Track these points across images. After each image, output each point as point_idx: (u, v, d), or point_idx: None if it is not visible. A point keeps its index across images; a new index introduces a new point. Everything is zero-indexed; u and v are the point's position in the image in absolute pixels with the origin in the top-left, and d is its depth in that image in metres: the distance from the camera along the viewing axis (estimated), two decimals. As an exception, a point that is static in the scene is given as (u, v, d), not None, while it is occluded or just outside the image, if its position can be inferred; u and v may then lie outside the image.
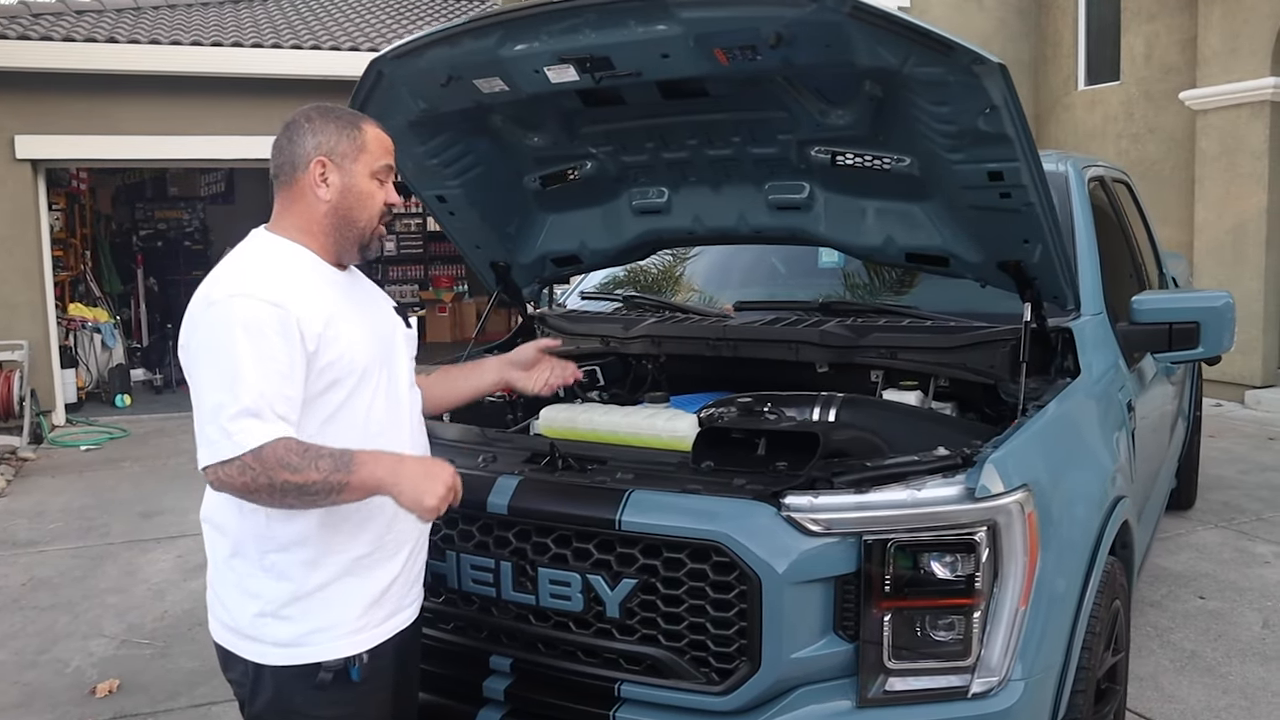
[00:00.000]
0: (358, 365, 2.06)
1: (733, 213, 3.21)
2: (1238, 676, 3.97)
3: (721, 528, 2.20)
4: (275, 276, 2.01)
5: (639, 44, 2.49)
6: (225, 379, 1.90)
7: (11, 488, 7.51)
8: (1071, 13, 11.63)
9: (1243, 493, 6.44)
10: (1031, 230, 2.69)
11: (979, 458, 2.26)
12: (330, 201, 2.10)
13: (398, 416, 2.20)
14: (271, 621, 2.03)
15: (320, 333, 1.99)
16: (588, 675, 2.39)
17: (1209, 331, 3.27)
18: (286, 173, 2.11)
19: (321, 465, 1.89)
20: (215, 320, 1.94)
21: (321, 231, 2.12)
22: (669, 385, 3.42)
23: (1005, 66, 2.30)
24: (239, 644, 2.09)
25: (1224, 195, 9.39)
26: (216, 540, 2.13)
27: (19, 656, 4.46)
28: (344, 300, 2.11)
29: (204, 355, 1.95)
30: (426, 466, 2.01)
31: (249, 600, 2.05)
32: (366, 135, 2.13)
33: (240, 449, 1.86)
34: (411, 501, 1.95)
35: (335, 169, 2.10)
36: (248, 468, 1.86)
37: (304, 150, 2.09)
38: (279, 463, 1.86)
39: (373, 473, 1.93)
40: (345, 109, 2.19)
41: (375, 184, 2.15)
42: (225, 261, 2.09)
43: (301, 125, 2.10)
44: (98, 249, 13.03)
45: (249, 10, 12.09)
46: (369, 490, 1.95)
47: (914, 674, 2.22)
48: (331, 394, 2.03)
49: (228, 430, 1.87)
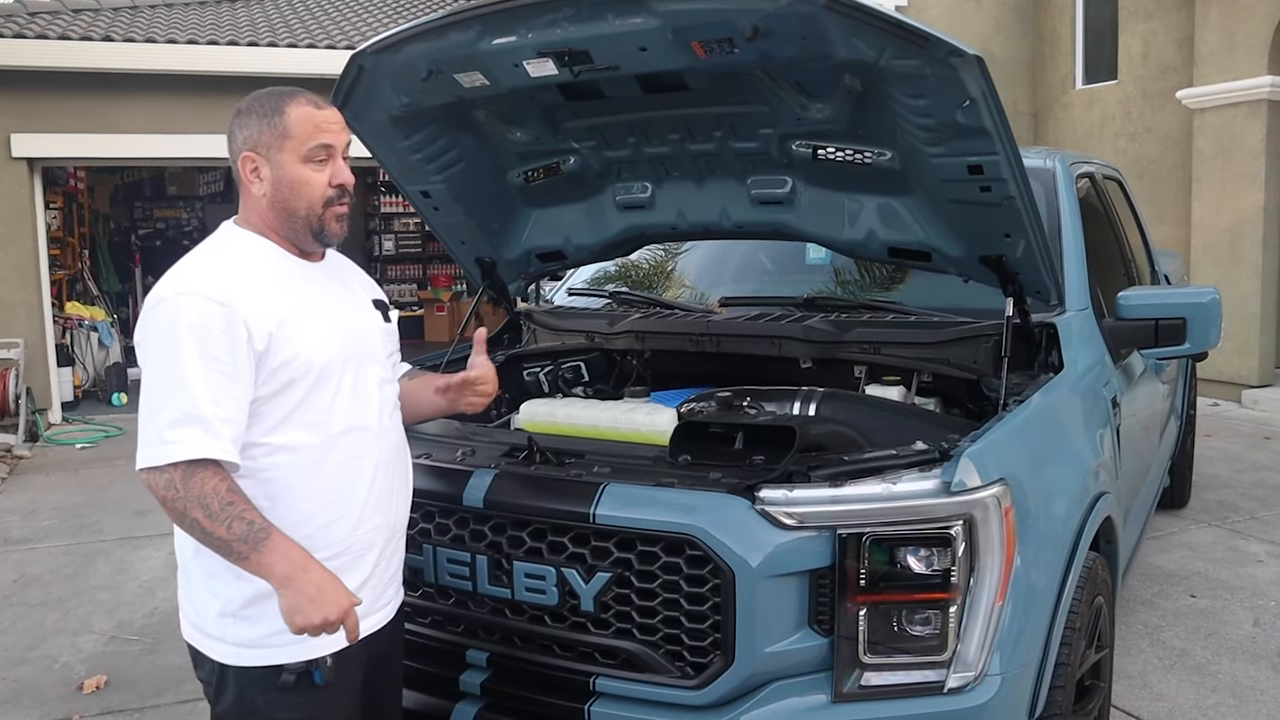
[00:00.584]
0: (315, 364, 1.99)
1: (716, 207, 3.20)
2: (1227, 675, 3.96)
3: (695, 521, 2.19)
4: (228, 273, 1.96)
5: (616, 37, 2.49)
6: (168, 381, 1.87)
7: (6, 485, 7.51)
8: (1069, 12, 11.62)
9: (1237, 492, 6.42)
10: (1013, 224, 2.68)
11: (956, 452, 2.25)
12: (266, 195, 2.04)
13: (364, 416, 2.11)
14: (233, 622, 2.00)
15: (272, 331, 1.93)
16: (563, 669, 2.39)
17: (1195, 327, 3.26)
18: (234, 170, 2.08)
19: (234, 527, 1.84)
20: (163, 319, 1.90)
21: (271, 226, 2.07)
22: (654, 381, 3.42)
23: (982, 59, 2.30)
24: (205, 643, 2.06)
25: (1221, 194, 9.37)
26: (184, 538, 2.07)
27: (8, 653, 4.46)
28: (306, 296, 2.05)
29: (150, 354, 1.91)
30: (323, 589, 1.89)
31: (212, 599, 2.02)
32: (289, 119, 2.01)
33: (172, 457, 1.83)
34: (285, 612, 1.88)
35: (264, 162, 2.03)
36: (173, 484, 1.84)
37: (236, 147, 2.05)
38: (199, 499, 1.83)
39: (273, 566, 1.86)
40: (272, 92, 2.06)
41: (310, 168, 2.03)
42: (189, 255, 2.05)
43: (233, 121, 2.05)
44: (95, 248, 13.04)
45: (245, 9, 12.09)
46: (262, 575, 1.89)
47: (890, 669, 2.21)
48: (287, 394, 1.97)
49: (165, 436, 1.84)
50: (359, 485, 2.08)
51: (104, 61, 9.51)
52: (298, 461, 2.00)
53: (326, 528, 2.03)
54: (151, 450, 1.85)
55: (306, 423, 2.00)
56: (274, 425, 1.97)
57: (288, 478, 1.99)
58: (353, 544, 2.08)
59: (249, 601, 1.99)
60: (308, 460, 2.01)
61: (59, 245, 11.11)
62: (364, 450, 2.09)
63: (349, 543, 2.07)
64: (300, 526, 1.98)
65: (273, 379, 1.95)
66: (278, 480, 1.98)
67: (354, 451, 2.07)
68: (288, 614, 1.88)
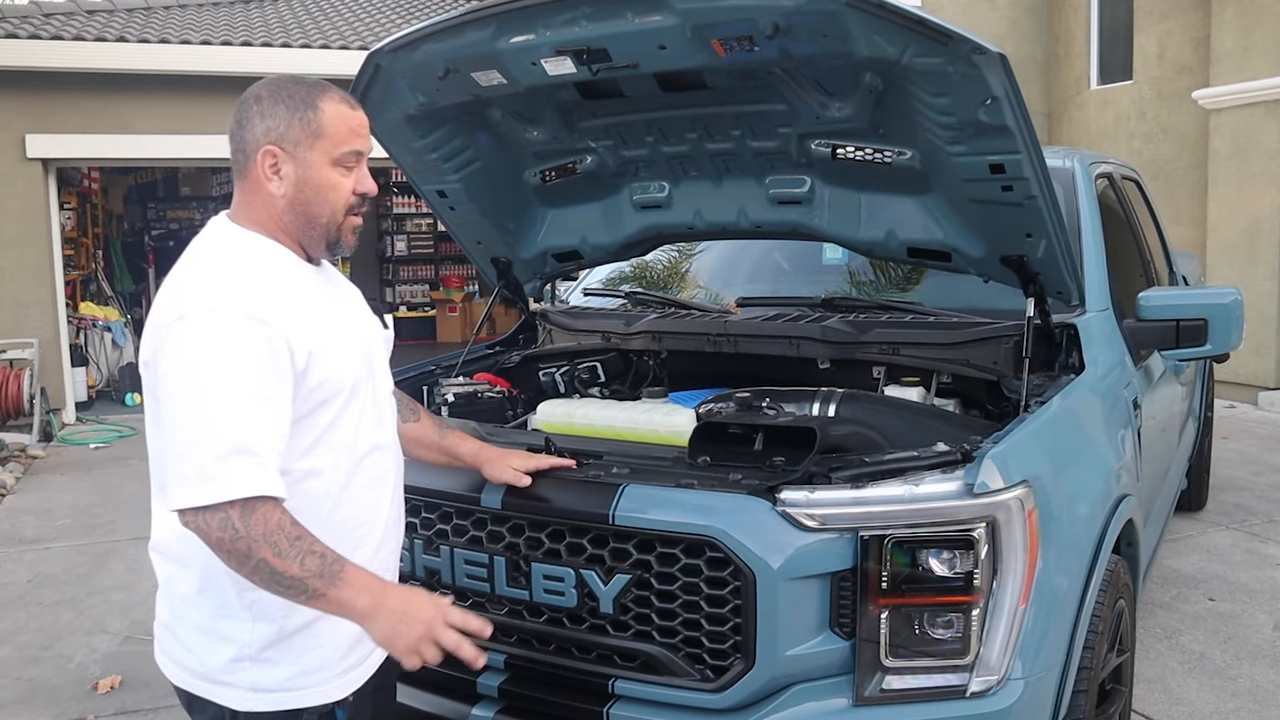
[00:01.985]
0: (346, 383, 1.85)
1: (733, 207, 3.19)
2: (1247, 679, 3.92)
3: (716, 523, 2.17)
4: (257, 284, 1.77)
5: (635, 35, 2.48)
6: (206, 408, 1.65)
7: (20, 485, 7.53)
8: (1083, 12, 11.56)
9: (1255, 494, 6.38)
10: (1034, 224, 2.66)
11: (979, 453, 2.23)
12: (286, 196, 1.83)
13: (383, 434, 1.99)
14: (250, 666, 1.82)
15: (311, 350, 1.77)
16: (582, 671, 2.37)
17: (1217, 328, 3.22)
18: (240, 161, 1.85)
19: (308, 563, 1.66)
20: (191, 337, 1.69)
21: (282, 229, 1.86)
22: (671, 382, 3.40)
23: (1005, 56, 2.28)
24: (211, 689, 1.85)
25: (1237, 195, 9.31)
26: (174, 573, 1.89)
27: (23, 652, 4.46)
28: (327, 309, 1.89)
29: (178, 378, 1.68)
30: (409, 604, 1.75)
31: (221, 644, 1.82)
32: (324, 116, 1.82)
33: (226, 495, 1.63)
34: (383, 643, 1.74)
35: (288, 159, 1.82)
36: (229, 524, 1.63)
37: (253, 137, 1.82)
38: (264, 536, 1.64)
39: (354, 600, 1.70)
40: (303, 80, 1.87)
41: (339, 173, 1.85)
42: (192, 262, 1.83)
43: (250, 107, 1.83)
44: (109, 248, 13.08)
45: (259, 10, 12.12)
46: (341, 612, 1.72)
47: (911, 672, 2.19)
48: (320, 414, 1.82)
49: (210, 472, 1.63)
50: (380, 508, 1.98)
51: (118, 62, 9.54)
52: (325, 487, 1.85)
53: (351, 552, 1.81)
54: (195, 488, 1.64)
55: (334, 445, 1.85)
56: (304, 450, 1.80)
57: (313, 506, 1.82)
58: (373, 569, 1.88)
59: (269, 643, 1.83)
60: (335, 486, 1.87)
61: (73, 245, 11.14)
62: (384, 471, 1.99)
63: (370, 568, 1.86)
64: None
65: (308, 400, 1.78)
66: (303, 509, 1.77)
67: (376, 473, 1.96)
68: (387, 644, 1.74)
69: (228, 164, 1.93)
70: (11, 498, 7.17)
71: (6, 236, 9.64)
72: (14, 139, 9.55)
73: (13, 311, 9.68)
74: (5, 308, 9.66)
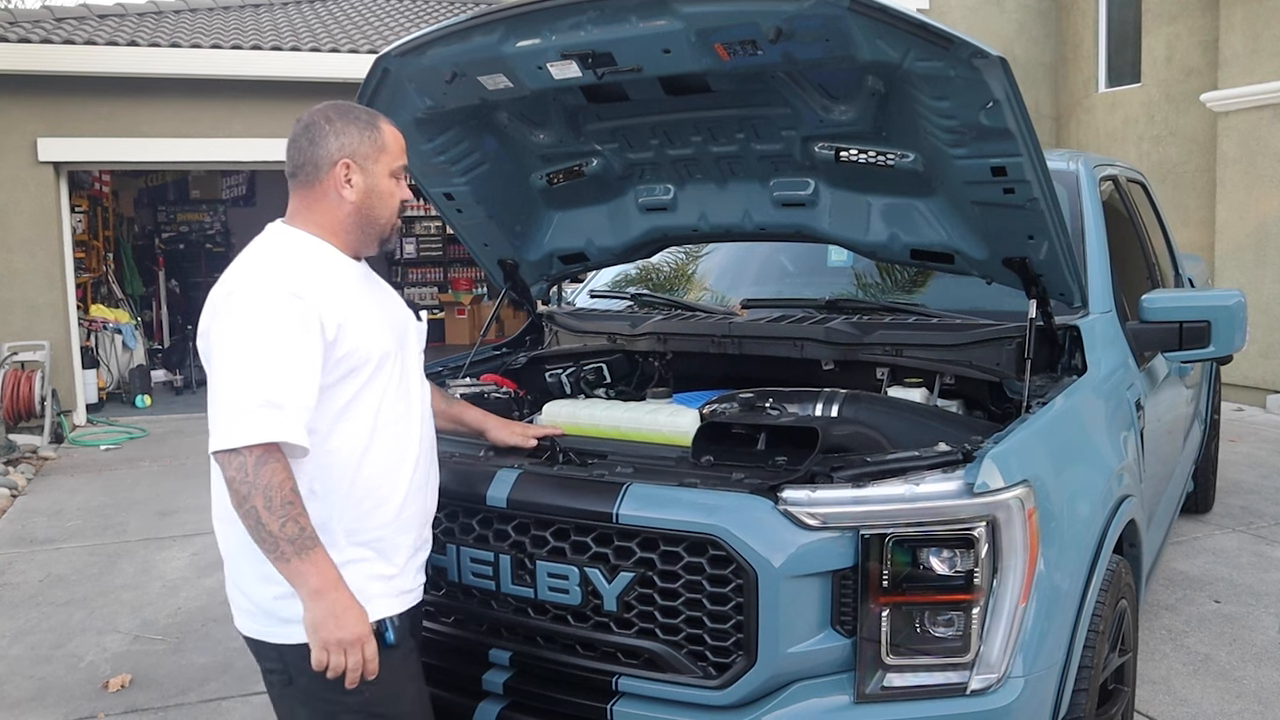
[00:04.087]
0: (374, 354, 2.11)
1: (738, 209, 3.21)
2: (1252, 681, 3.93)
3: (718, 521, 2.19)
4: (296, 268, 2.07)
5: (640, 39, 2.50)
6: (244, 367, 1.95)
7: (31, 486, 7.58)
8: (1092, 15, 11.56)
9: (1262, 497, 6.37)
10: (1036, 226, 2.68)
11: (979, 453, 2.25)
12: (355, 202, 2.16)
13: (409, 409, 2.23)
14: (295, 601, 2.02)
15: (340, 323, 2.04)
16: (586, 669, 2.40)
17: (1220, 330, 3.23)
18: (308, 173, 2.15)
19: (287, 527, 1.92)
20: (237, 309, 1.99)
21: (344, 230, 2.18)
22: (676, 383, 3.42)
23: (1006, 60, 2.29)
24: (269, 630, 2.11)
25: (1245, 198, 9.30)
26: (227, 534, 2.16)
27: (34, 651, 4.50)
28: (363, 293, 2.18)
29: (224, 342, 1.99)
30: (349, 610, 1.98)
31: (269, 584, 2.06)
32: (385, 136, 2.19)
33: (248, 440, 1.90)
34: (310, 625, 1.96)
35: (359, 170, 2.15)
36: (244, 468, 1.91)
37: (327, 152, 2.13)
38: (264, 488, 1.90)
39: (308, 576, 1.94)
40: (360, 107, 2.23)
41: (394, 182, 2.21)
42: (246, 254, 2.13)
43: (322, 126, 2.14)
44: (120, 251, 13.14)
45: (269, 14, 12.18)
46: (291, 581, 1.96)
47: (912, 670, 2.21)
48: (347, 383, 2.08)
49: (242, 420, 1.91)
50: (402, 473, 2.19)
51: (129, 66, 9.60)
52: (350, 449, 2.10)
53: (371, 512, 2.13)
54: (224, 434, 1.92)
55: (360, 412, 2.11)
56: (333, 414, 2.07)
57: (340, 465, 2.09)
58: (396, 526, 2.17)
59: None
60: (359, 447, 2.11)
61: (84, 248, 11.21)
62: (408, 441, 2.21)
63: (392, 526, 2.16)
64: (349, 511, 2.09)
65: (336, 368, 2.05)
66: (330, 468, 2.07)
67: (399, 442, 2.18)
68: (313, 626, 1.96)
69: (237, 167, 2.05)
70: (23, 499, 7.22)
71: (18, 239, 9.71)
72: (26, 142, 9.62)
73: (24, 314, 9.74)
74: (17, 310, 9.72)
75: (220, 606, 4.92)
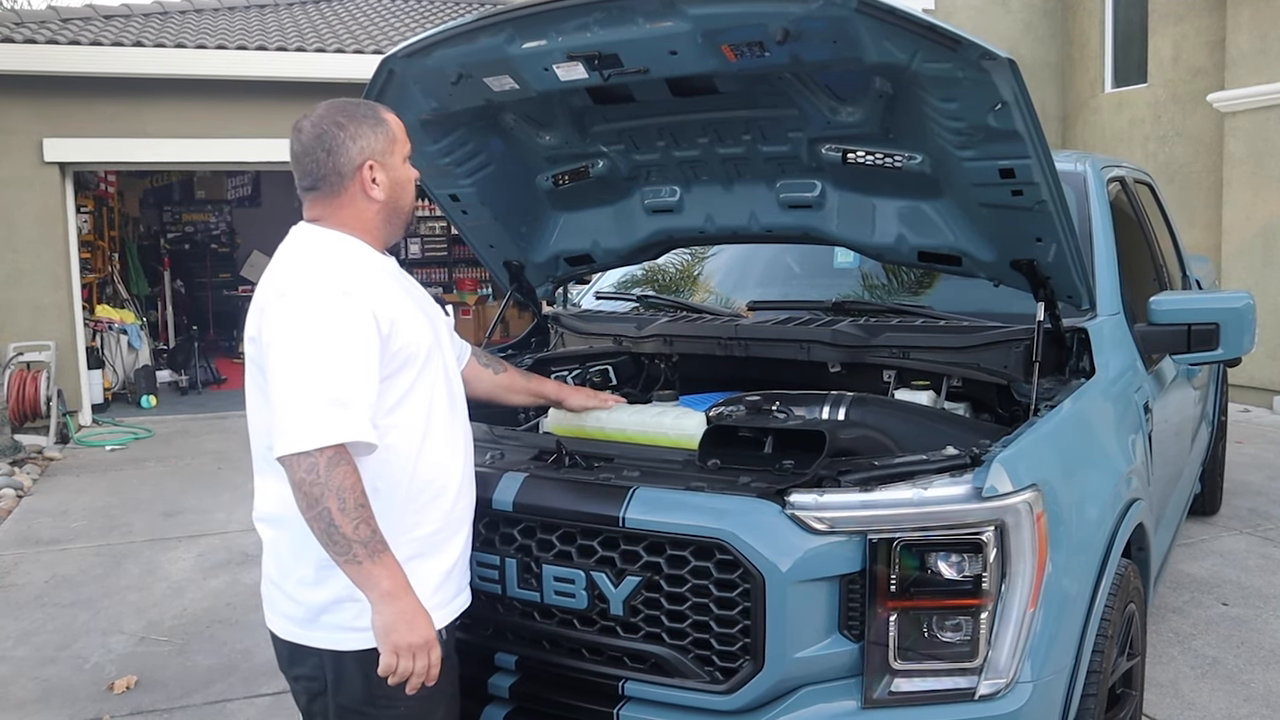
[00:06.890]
0: (422, 348, 2.14)
1: (744, 211, 3.20)
2: (1260, 684, 3.91)
3: (725, 525, 2.19)
4: (345, 266, 2.08)
5: (647, 41, 2.49)
6: (309, 369, 1.93)
7: (37, 486, 7.58)
8: (1098, 15, 11.53)
9: (1269, 499, 6.34)
10: (1045, 228, 2.66)
11: (987, 457, 2.24)
12: (383, 200, 2.17)
13: (455, 403, 2.26)
14: (350, 605, 2.03)
15: (393, 318, 2.06)
16: (592, 673, 2.39)
17: (1229, 333, 3.22)
18: (332, 183, 2.14)
19: (360, 530, 1.90)
20: (291, 310, 1.99)
21: (374, 226, 2.19)
22: (682, 385, 3.41)
23: (1014, 61, 2.28)
24: (313, 635, 2.10)
25: (1252, 199, 9.27)
26: (277, 536, 2.16)
27: (39, 652, 4.50)
28: (401, 290, 2.20)
29: (283, 345, 1.97)
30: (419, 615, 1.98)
31: (323, 588, 2.06)
32: (392, 126, 2.20)
33: (321, 442, 1.88)
34: (381, 628, 1.95)
35: (381, 168, 2.16)
36: (315, 469, 1.88)
37: (349, 159, 2.12)
38: (337, 489, 1.88)
39: (380, 579, 1.93)
40: (358, 102, 2.21)
41: (408, 167, 2.24)
42: (285, 256, 2.13)
43: (336, 134, 2.12)
44: (125, 251, 13.16)
45: (274, 15, 12.18)
46: (361, 585, 1.94)
47: (920, 675, 2.20)
48: (401, 377, 2.09)
49: (309, 422, 1.89)
50: (455, 468, 2.21)
51: (134, 67, 9.60)
52: (409, 444, 2.11)
53: (430, 504, 2.14)
54: (294, 436, 1.90)
55: (415, 405, 2.12)
56: (390, 407, 2.07)
57: (400, 461, 2.09)
58: (451, 519, 2.19)
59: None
60: (416, 442, 2.12)
61: (89, 249, 11.21)
62: (456, 435, 2.23)
63: (449, 519, 2.18)
64: (408, 504, 2.11)
65: (392, 362, 2.06)
66: (389, 463, 2.07)
67: (448, 436, 2.21)
68: (384, 630, 1.94)
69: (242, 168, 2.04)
70: (28, 499, 7.23)
71: (24, 240, 9.71)
72: (31, 143, 9.62)
73: (30, 314, 9.75)
74: (23, 310, 9.73)
75: (225, 608, 4.93)
